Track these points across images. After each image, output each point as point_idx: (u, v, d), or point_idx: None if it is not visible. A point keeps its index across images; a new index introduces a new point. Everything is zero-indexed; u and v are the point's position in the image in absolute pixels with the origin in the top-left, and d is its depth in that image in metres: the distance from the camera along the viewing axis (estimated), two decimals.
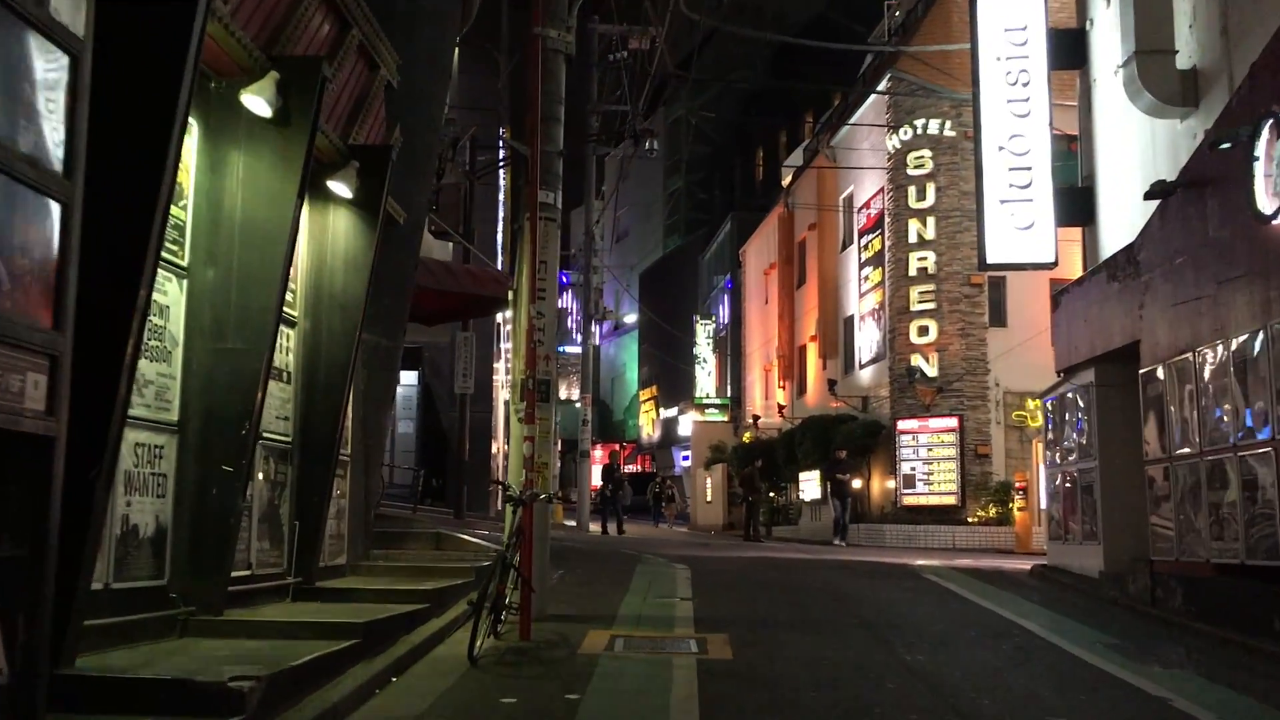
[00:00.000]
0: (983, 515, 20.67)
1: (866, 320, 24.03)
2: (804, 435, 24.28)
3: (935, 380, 21.39)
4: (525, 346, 8.01)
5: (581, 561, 12.99)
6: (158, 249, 5.30)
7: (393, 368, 10.67)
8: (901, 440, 21.41)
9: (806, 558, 15.20)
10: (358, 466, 9.97)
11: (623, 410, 65.91)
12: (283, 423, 8.07)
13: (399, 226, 10.18)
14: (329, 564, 9.10)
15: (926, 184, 21.81)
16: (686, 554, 15.07)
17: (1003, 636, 8.57)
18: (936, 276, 21.59)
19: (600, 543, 17.89)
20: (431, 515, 17.16)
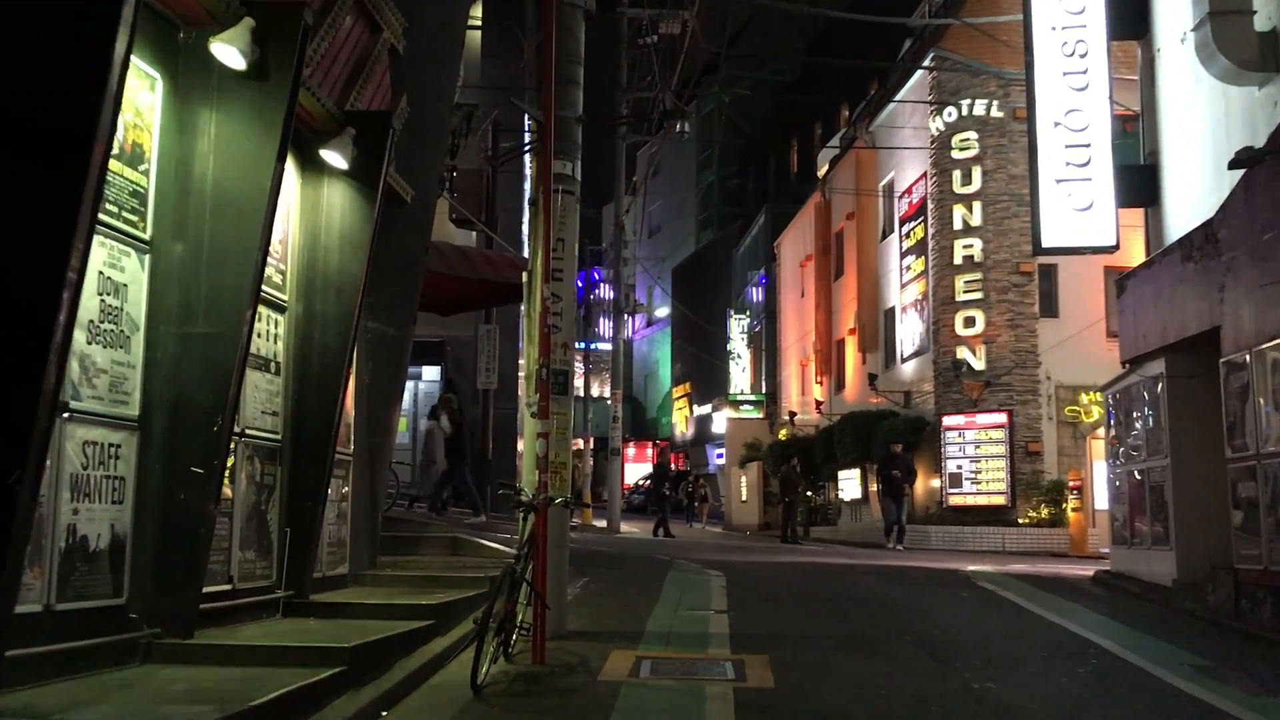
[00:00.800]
0: (1034, 516, 19.62)
1: (909, 312, 22.99)
2: (843, 432, 23.30)
3: (983, 374, 20.35)
4: (539, 333, 7.15)
5: (608, 568, 12.12)
6: (92, 212, 4.47)
7: (401, 360, 9.85)
8: (947, 437, 20.39)
9: (849, 563, 14.25)
10: (361, 466, 9.15)
11: (656, 408, 65.08)
12: (270, 418, 7.25)
13: (406, 206, 9.36)
14: (328, 574, 8.29)
15: (972, 167, 20.75)
16: (721, 558, 14.18)
17: (1077, 657, 7.61)
18: (983, 265, 20.54)
19: (630, 546, 17.02)
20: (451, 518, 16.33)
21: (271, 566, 7.25)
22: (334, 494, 8.45)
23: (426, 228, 10.15)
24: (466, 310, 13.52)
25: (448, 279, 11.34)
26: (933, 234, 21.42)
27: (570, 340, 7.92)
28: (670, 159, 67.40)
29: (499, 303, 13.61)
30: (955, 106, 20.90)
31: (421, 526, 11.75)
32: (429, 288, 11.69)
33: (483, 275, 11.48)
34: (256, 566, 7.04)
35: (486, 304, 13.86)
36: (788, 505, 22.72)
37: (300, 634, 6.47)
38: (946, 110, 21.01)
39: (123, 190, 5.58)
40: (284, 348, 7.45)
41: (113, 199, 5.49)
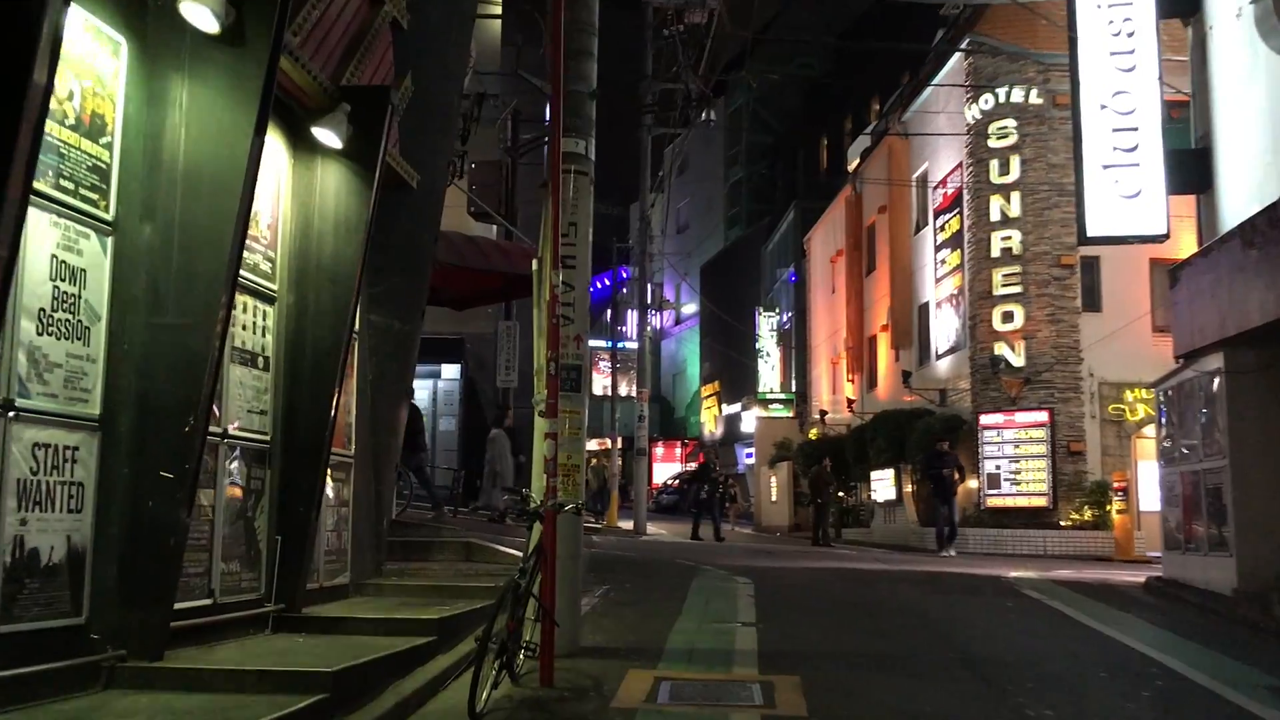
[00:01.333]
0: (1076, 518, 18.84)
1: (943, 307, 22.24)
2: (876, 431, 22.57)
3: (1022, 370, 19.59)
4: (547, 324, 6.55)
5: (630, 574, 11.51)
6: (24, 182, 3.93)
7: (408, 355, 9.29)
8: (985, 436, 19.63)
9: (884, 568, 13.57)
10: (364, 468, 8.59)
11: (684, 407, 64.46)
12: (258, 417, 6.69)
13: (411, 191, 8.80)
14: (326, 585, 7.73)
15: (1010, 157, 19.98)
16: (749, 564, 13.53)
17: (1140, 677, 6.93)
18: (1022, 257, 19.76)
19: (656, 550, 16.40)
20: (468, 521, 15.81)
21: (260, 578, 6.70)
22: (332, 498, 7.90)
23: (434, 216, 9.59)
24: (482, 304, 12.93)
25: (459, 271, 10.78)
26: (969, 226, 20.66)
27: (583, 333, 7.32)
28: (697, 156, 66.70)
29: (515, 296, 12.95)
30: (992, 93, 20.14)
31: (433, 531, 11.20)
32: (440, 280, 11.15)
33: (495, 266, 10.89)
34: (242, 578, 6.48)
35: (502, 297, 13.20)
36: (819, 507, 22.04)
37: (285, 654, 5.90)
38: (983, 97, 20.26)
39: (80, 165, 5.04)
40: (273, 341, 6.90)
41: (69, 175, 4.95)
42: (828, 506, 22.37)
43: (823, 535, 21.66)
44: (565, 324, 7.19)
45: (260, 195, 6.68)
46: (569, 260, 7.24)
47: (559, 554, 6.65)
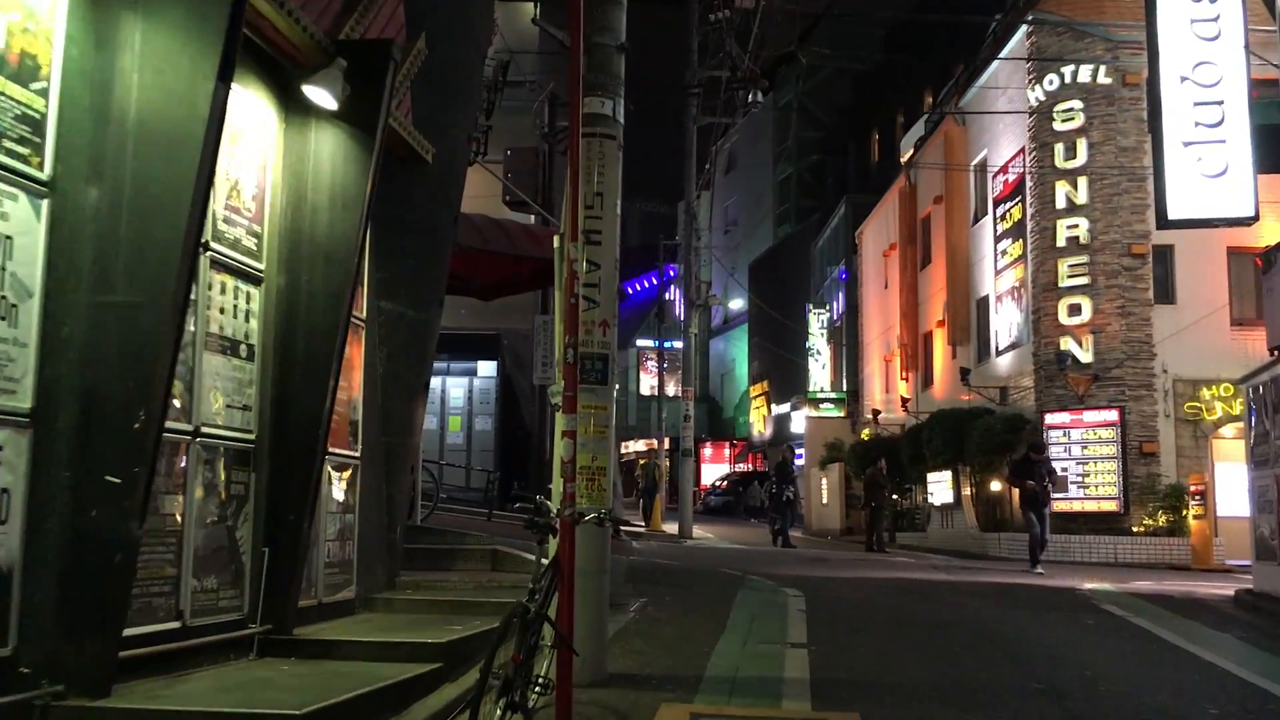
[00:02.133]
0: (1149, 524, 17.67)
1: (1004, 300, 21.12)
2: (933, 431, 21.48)
3: (1090, 367, 18.44)
4: (564, 305, 5.70)
5: (670, 585, 10.63)
6: None
7: (425, 346, 8.47)
8: (1050, 437, 18.49)
9: (947, 579, 12.56)
10: (374, 470, 7.80)
11: (733, 407, 63.53)
12: (239, 413, 5.91)
13: (426, 167, 8.00)
14: (327, 600, 6.94)
15: (1077, 140, 18.84)
16: (800, 573, 12.60)
17: (1257, 715, 5.94)
18: (1090, 246, 18.62)
19: (700, 557, 15.51)
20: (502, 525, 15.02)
21: (243, 596, 5.91)
22: (335, 503, 7.12)
23: (454, 194, 8.77)
24: (510, 294, 12.01)
25: (484, 256, 9.96)
26: (1032, 214, 19.54)
27: (610, 318, 6.45)
28: (745, 153, 65.80)
29: (547, 284, 11.95)
30: (1057, 73, 19.00)
31: (458, 538, 10.38)
32: (463, 267, 10.34)
33: (524, 252, 10.04)
34: (220, 597, 5.70)
35: (532, 286, 12.22)
36: (874, 511, 21.02)
37: (260, 687, 5.11)
38: (1047, 78, 19.13)
39: (4, 113, 4.26)
40: (259, 327, 6.11)
41: None
42: (883, 510, 21.34)
43: (877, 540, 20.65)
44: (589, 307, 6.34)
45: (244, 162, 5.92)
46: (593, 236, 6.38)
47: (580, 571, 5.79)
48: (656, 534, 19.58)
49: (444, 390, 18.82)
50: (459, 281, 10.79)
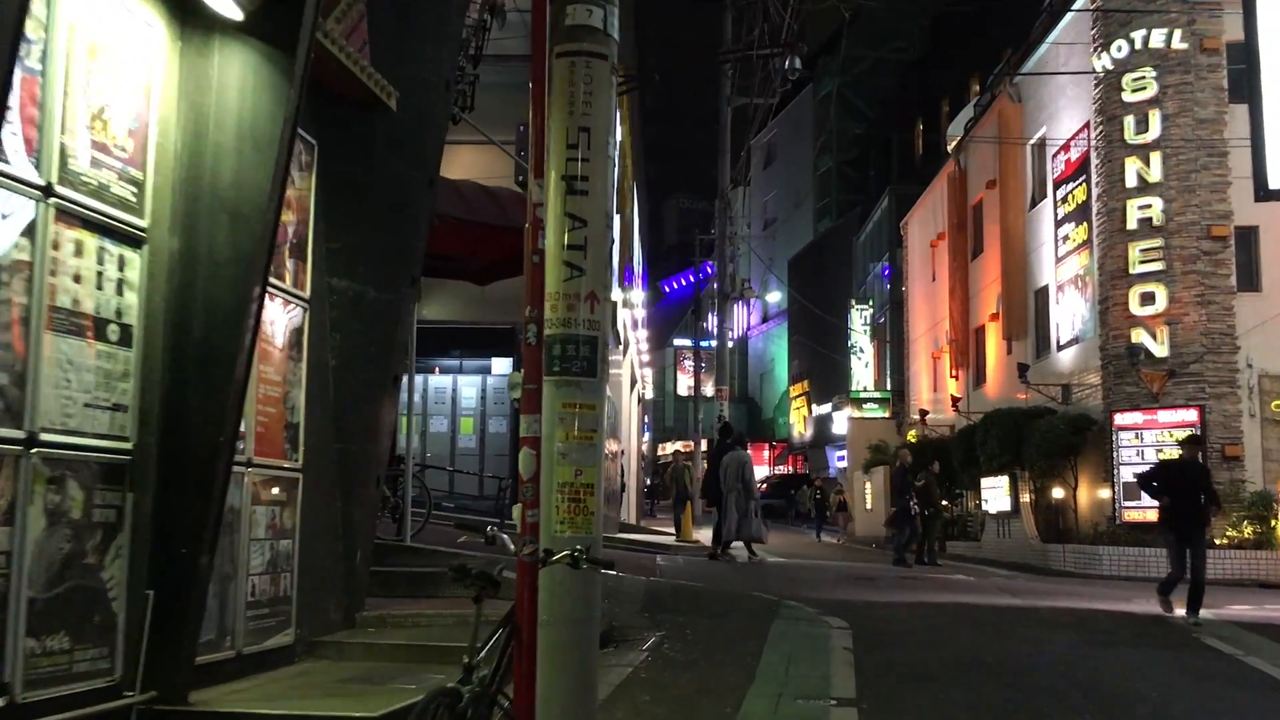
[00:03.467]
0: (1233, 535, 15.92)
1: (1066, 290, 19.41)
2: (987, 433, 19.83)
3: (1165, 361, 16.72)
4: (526, 268, 4.24)
5: (694, 612, 9.13)
6: None
7: (391, 333, 7.03)
8: (1120, 439, 16.80)
9: (1014, 603, 10.94)
10: (323, 484, 6.39)
11: (772, 408, 61.91)
12: (108, 416, 4.51)
13: (390, 116, 6.58)
14: (251, 649, 5.53)
15: (1149, 112, 17.12)
16: (844, 596, 11.04)
17: None
18: (1164, 229, 16.89)
19: (731, 574, 13.99)
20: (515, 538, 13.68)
21: (114, 655, 4.51)
22: (264, 528, 5.71)
23: (429, 152, 7.33)
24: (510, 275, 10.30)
25: (473, 230, 8.50)
26: (1098, 194, 17.83)
27: (601, 290, 4.96)
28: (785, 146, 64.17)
29: None
30: (1126, 39, 17.29)
31: (449, 559, 8.96)
32: (450, 243, 8.91)
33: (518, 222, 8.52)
34: (76, 660, 4.30)
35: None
36: (926, 520, 19.38)
37: None
38: (1115, 44, 17.42)
39: None
40: (140, 303, 4.70)
41: None
42: (936, 519, 19.71)
43: (928, 553, 19.04)
44: (572, 275, 4.87)
45: (113, 83, 4.50)
46: (578, 183, 4.90)
47: (555, 620, 4.36)
48: (687, 545, 18.01)
49: (455, 390, 17.43)
50: (445, 261, 9.35)
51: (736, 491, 15.21)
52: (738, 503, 15.21)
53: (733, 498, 15.23)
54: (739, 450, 15.75)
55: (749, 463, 15.58)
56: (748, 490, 15.28)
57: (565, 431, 4.84)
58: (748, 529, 15.25)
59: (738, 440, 16.24)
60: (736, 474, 15.26)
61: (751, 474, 15.50)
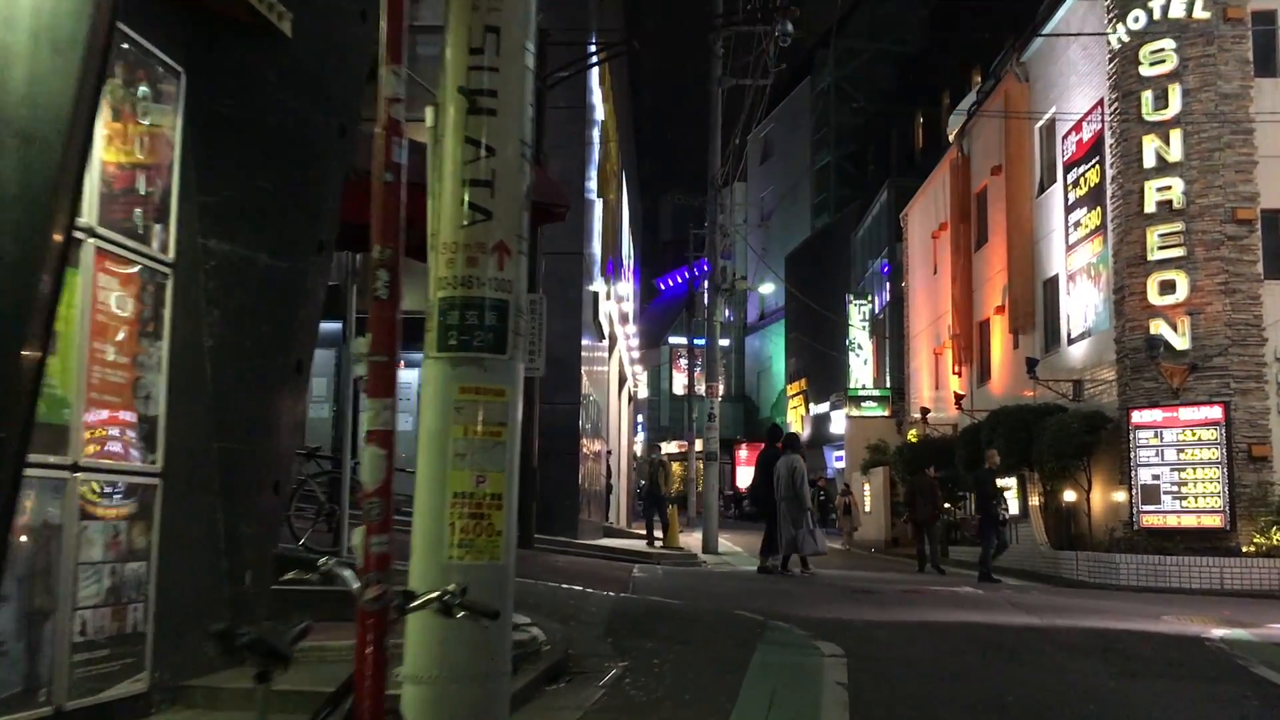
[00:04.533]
0: (1261, 543, 14.74)
1: (1078, 280, 18.23)
2: (994, 432, 18.63)
3: (1186, 355, 15.55)
4: (375, 189, 3.04)
5: (666, 636, 7.94)
6: None
7: (293, 310, 5.83)
8: (1137, 438, 15.62)
9: (1032, 623, 9.72)
10: (193, 493, 5.20)
11: (769, 406, 60.74)
12: None
13: (284, 45, 5.40)
14: (76, 705, 4.33)
15: (1169, 86, 15.94)
16: (840, 615, 9.84)
17: None
18: (1185, 212, 15.71)
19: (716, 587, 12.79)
20: None
21: None
22: (101, 549, 4.51)
23: (339, 92, 6.13)
24: None
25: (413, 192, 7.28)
26: (1113, 176, 16.65)
27: (514, 240, 3.78)
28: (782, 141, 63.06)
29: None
30: (1144, 9, 16.11)
31: None
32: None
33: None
34: None
35: None
36: (920, 527, 18.25)
37: None
38: (1131, 14, 16.24)
39: None
40: None
41: None
42: (935, 525, 18.56)
43: (931, 561, 17.90)
44: (476, 219, 3.72)
45: None
46: (482, 99, 3.73)
47: (433, 700, 3.20)
48: (672, 553, 16.77)
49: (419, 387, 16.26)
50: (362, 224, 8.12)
51: (789, 501, 13.85)
52: (791, 514, 13.85)
53: (784, 508, 13.95)
54: (790, 454, 14.24)
55: (800, 468, 14.07)
56: (798, 500, 13.81)
57: (464, 426, 3.68)
58: (802, 544, 13.85)
59: (790, 444, 14.68)
60: (788, 482, 13.86)
61: (803, 480, 14.02)
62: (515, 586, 8.54)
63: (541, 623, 7.48)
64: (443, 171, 3.74)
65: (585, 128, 16.97)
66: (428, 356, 3.79)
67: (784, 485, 14.00)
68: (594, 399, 19.83)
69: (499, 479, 3.67)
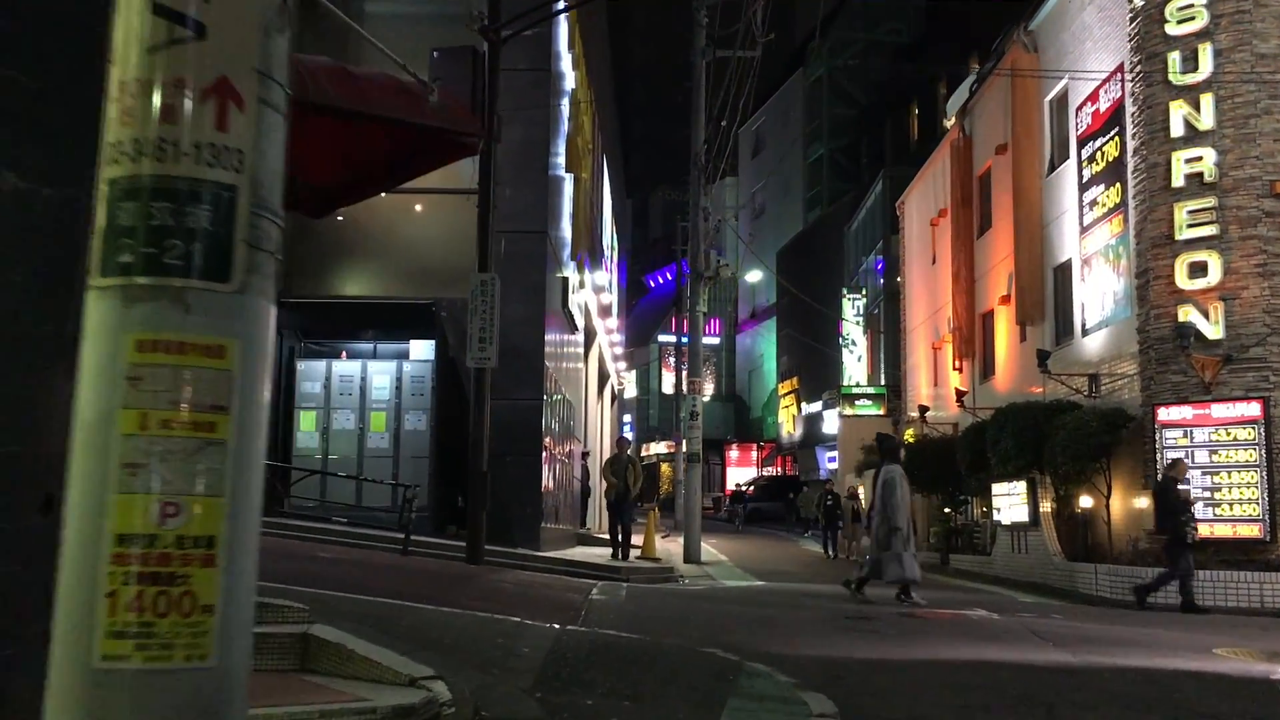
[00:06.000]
0: None
1: (1094, 264, 16.62)
2: (1001, 431, 17.05)
3: (1220, 345, 13.94)
4: None
5: (611, 686, 6.28)
6: None
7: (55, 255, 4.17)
8: (1164, 437, 14.02)
9: (1065, 662, 8.06)
10: None
11: (761, 406, 59.25)
12: None
13: None
14: None
15: (1199, 46, 14.34)
16: (831, 651, 8.19)
17: None
18: (1218, 186, 14.11)
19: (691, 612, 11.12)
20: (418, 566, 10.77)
21: None
22: None
23: None
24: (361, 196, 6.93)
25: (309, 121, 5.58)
26: (1135, 148, 15.04)
27: (247, 80, 2.12)
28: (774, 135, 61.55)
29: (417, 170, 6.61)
30: None
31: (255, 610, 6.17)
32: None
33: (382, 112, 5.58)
34: None
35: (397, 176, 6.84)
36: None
37: None
38: None
39: None
40: None
41: None
42: None
43: None
44: (178, 39, 2.05)
45: None
46: None
47: None
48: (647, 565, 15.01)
49: (365, 378, 14.56)
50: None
51: (878, 517, 11.92)
52: (878, 533, 11.90)
53: (875, 525, 12.02)
54: (888, 465, 12.24)
55: (893, 480, 11.95)
56: (886, 517, 11.77)
57: (143, 412, 2.01)
58: (886, 569, 11.78)
59: (889, 452, 12.60)
60: (881, 495, 11.96)
61: (894, 494, 11.84)
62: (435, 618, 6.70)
63: (453, 673, 5.83)
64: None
65: (551, 95, 15.30)
66: (89, 287, 2.17)
67: (876, 500, 12.16)
68: (565, 396, 18.16)
69: (211, 510, 2.01)
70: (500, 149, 13.35)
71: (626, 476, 14.89)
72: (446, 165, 5.98)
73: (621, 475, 14.95)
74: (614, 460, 15.50)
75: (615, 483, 15.03)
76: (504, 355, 13.11)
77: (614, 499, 15.16)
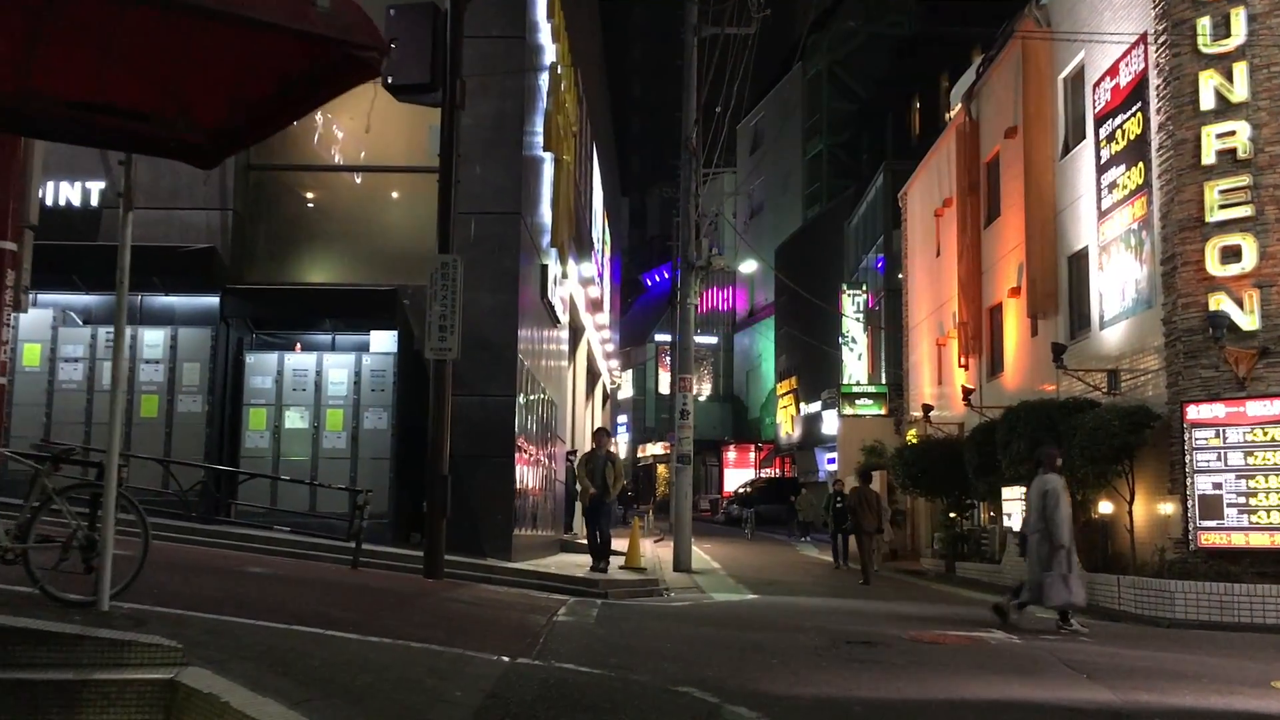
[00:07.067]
0: None
1: (1113, 251, 15.43)
2: (1011, 431, 15.89)
3: (1256, 336, 12.77)
4: None
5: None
6: None
7: None
8: (1194, 438, 12.83)
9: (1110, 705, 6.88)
10: None
11: (759, 407, 58.07)
12: None
13: None
14: None
15: (1231, 11, 13.16)
16: (827, 690, 6.99)
17: None
18: (1253, 163, 12.93)
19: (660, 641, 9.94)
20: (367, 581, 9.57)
21: None
22: None
23: None
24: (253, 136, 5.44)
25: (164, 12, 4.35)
26: (1160, 124, 13.86)
27: None
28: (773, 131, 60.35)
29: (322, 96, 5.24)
30: None
31: (115, 651, 4.94)
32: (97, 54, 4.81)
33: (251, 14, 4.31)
34: None
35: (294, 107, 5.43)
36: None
37: None
38: None
39: None
40: None
41: None
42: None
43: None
44: None
45: None
46: None
47: None
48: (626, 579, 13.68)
49: (321, 372, 13.34)
50: (73, 83, 4.90)
51: (1039, 534, 10.68)
52: (1038, 551, 10.67)
53: (1035, 543, 10.75)
54: (1045, 474, 10.95)
55: (1053, 490, 10.71)
56: (1049, 534, 10.56)
57: None
58: (1048, 593, 10.59)
59: (1045, 461, 11.18)
60: (1038, 508, 10.73)
61: (1056, 507, 10.58)
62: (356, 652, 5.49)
63: None
64: None
65: (527, 66, 14.10)
66: None
67: (1034, 514, 10.91)
68: (547, 395, 16.97)
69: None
70: (469, 122, 12.21)
71: (605, 476, 13.52)
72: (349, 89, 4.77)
73: (599, 475, 13.57)
74: (590, 457, 14.03)
75: (589, 486, 13.61)
76: (472, 347, 11.94)
77: (590, 504, 13.77)
